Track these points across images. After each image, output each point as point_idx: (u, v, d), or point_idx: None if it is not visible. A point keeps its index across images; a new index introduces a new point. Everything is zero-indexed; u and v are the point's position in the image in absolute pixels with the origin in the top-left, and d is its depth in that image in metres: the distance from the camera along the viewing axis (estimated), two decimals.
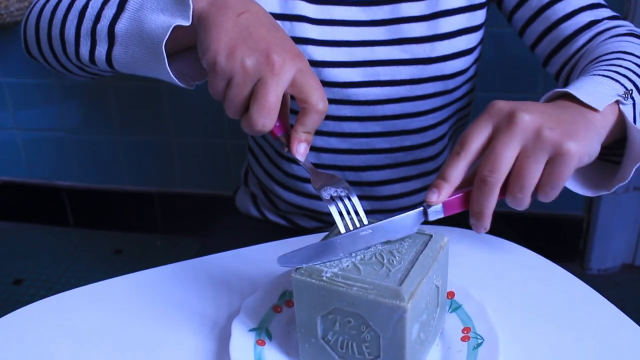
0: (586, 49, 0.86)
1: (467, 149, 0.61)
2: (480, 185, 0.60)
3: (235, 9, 0.63)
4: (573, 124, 0.60)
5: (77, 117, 1.93)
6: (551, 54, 0.91)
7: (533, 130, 0.58)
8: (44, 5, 0.77)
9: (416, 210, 0.61)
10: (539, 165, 0.59)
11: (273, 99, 0.59)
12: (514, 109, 0.59)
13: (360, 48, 0.91)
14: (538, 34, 0.92)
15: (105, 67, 0.72)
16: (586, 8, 0.89)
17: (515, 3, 0.93)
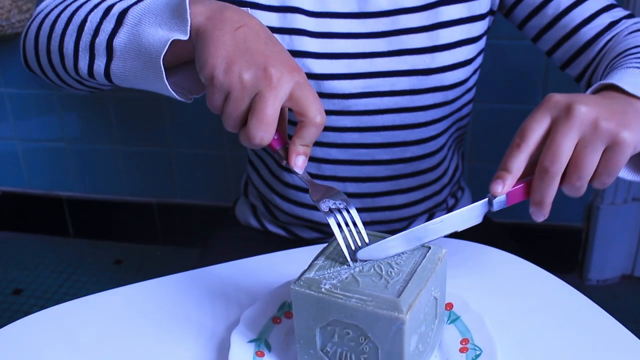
0: (608, 48, 0.88)
1: (527, 141, 0.63)
2: (542, 175, 0.62)
3: (233, 23, 0.63)
4: (625, 114, 0.63)
5: (77, 127, 1.94)
6: (572, 58, 0.93)
7: (590, 121, 0.61)
8: (43, 19, 0.78)
9: (482, 201, 0.64)
10: (596, 154, 0.61)
11: (271, 113, 0.60)
12: (570, 101, 0.62)
13: (360, 60, 0.92)
14: (557, 40, 0.94)
15: (104, 81, 0.72)
16: (603, 10, 0.91)
17: (529, 12, 0.95)
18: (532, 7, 0.94)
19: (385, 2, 0.91)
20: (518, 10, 0.96)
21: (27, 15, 1.50)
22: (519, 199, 0.64)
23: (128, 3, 0.70)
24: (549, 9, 0.93)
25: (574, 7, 0.92)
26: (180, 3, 0.64)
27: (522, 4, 0.95)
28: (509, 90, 1.54)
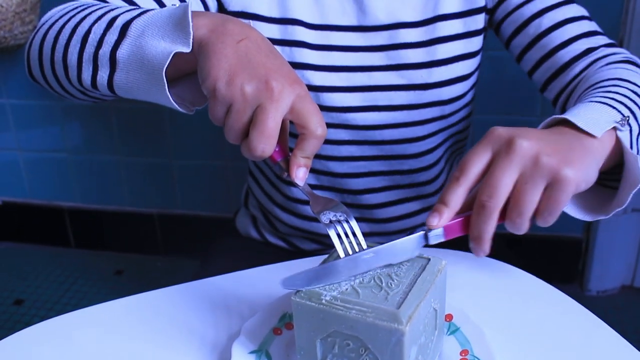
0: (583, 76, 0.86)
1: (467, 174, 0.62)
2: (479, 210, 0.61)
3: (235, 36, 0.63)
4: (570, 151, 0.61)
5: (79, 138, 1.94)
6: (548, 80, 0.92)
7: (531, 157, 0.59)
8: (48, 30, 0.78)
9: (417, 234, 0.62)
10: (537, 191, 0.60)
11: (272, 125, 0.60)
12: (512, 135, 0.61)
13: (359, 73, 0.92)
14: (535, 61, 0.93)
15: (107, 92, 0.72)
16: (582, 36, 0.90)
17: (513, 30, 0.94)
18: (515, 25, 0.94)
19: (384, 16, 0.92)
20: (504, 27, 0.96)
21: (30, 27, 1.51)
22: (457, 233, 0.63)
23: (132, 15, 0.70)
24: (531, 28, 0.92)
25: (554, 29, 0.91)
26: (183, 16, 0.64)
27: (507, 21, 0.95)
28: (508, 102, 1.54)
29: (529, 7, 0.92)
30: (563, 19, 0.91)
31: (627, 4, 1.38)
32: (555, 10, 0.91)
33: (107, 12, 0.73)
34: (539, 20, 0.91)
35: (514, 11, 0.93)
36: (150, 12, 0.69)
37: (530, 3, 0.92)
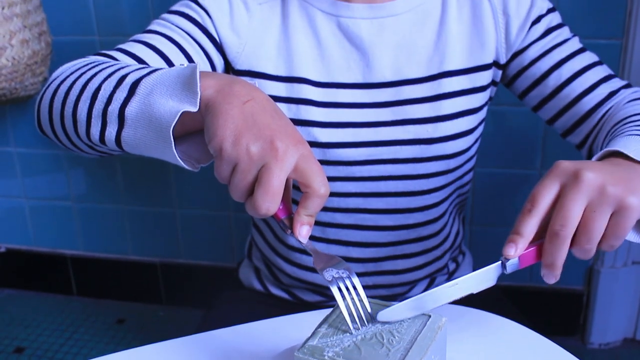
0: (608, 116, 0.90)
1: (538, 206, 0.66)
2: (553, 239, 0.64)
3: (241, 97, 0.65)
4: (631, 180, 0.65)
5: (84, 186, 1.96)
6: (573, 126, 0.96)
7: (597, 187, 0.63)
8: (59, 85, 0.79)
9: (496, 264, 0.67)
10: (604, 218, 0.64)
11: (277, 184, 0.61)
12: (578, 168, 0.65)
13: (365, 129, 0.94)
14: (557, 110, 0.97)
15: (115, 147, 0.73)
16: (602, 81, 0.94)
17: (530, 83, 0.98)
18: (533, 79, 0.97)
19: (390, 73, 0.95)
20: (519, 82, 0.99)
21: (40, 78, 1.54)
22: (531, 261, 0.67)
23: (141, 74, 0.71)
24: (551, 80, 0.96)
25: (575, 78, 0.95)
26: (191, 76, 0.66)
27: (523, 75, 0.98)
28: (509, 155, 1.56)
29: (546, 60, 0.96)
30: (581, 68, 0.95)
31: (623, 60, 1.41)
32: (572, 60, 0.95)
33: (118, 70, 0.75)
34: (558, 71, 0.95)
35: (531, 65, 0.97)
36: (159, 71, 0.71)
37: (547, 56, 0.96)
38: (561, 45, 0.96)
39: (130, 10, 1.60)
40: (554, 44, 0.96)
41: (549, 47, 0.96)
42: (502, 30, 0.96)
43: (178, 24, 0.93)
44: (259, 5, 0.96)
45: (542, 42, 0.96)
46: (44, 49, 1.51)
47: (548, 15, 0.97)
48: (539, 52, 0.96)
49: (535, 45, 0.97)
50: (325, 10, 0.95)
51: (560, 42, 0.96)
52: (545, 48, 0.96)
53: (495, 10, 0.96)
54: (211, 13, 0.94)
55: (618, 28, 1.39)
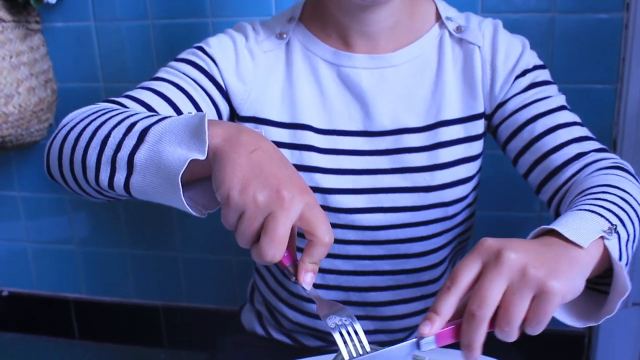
0: (574, 180, 0.89)
1: (457, 284, 0.64)
2: (470, 319, 0.62)
3: (248, 146, 0.66)
4: (557, 262, 0.63)
5: (86, 229, 1.97)
6: (542, 182, 0.95)
7: (519, 269, 0.61)
8: (69, 132, 0.80)
9: (410, 342, 0.64)
10: (524, 301, 0.61)
11: (282, 232, 0.62)
12: (501, 247, 0.63)
13: (365, 176, 0.96)
14: (530, 164, 0.96)
15: (123, 193, 0.74)
16: (573, 141, 0.93)
17: (508, 134, 0.98)
18: (511, 130, 0.97)
19: (389, 122, 0.97)
20: (500, 132, 1.00)
21: (46, 124, 1.56)
22: (448, 340, 0.64)
23: (150, 121, 0.72)
24: (525, 133, 0.96)
25: (547, 134, 0.94)
26: (200, 124, 0.67)
27: (503, 125, 0.98)
28: (508, 199, 1.58)
29: (523, 113, 0.96)
30: (555, 125, 0.94)
31: (618, 105, 1.43)
32: (548, 116, 0.95)
33: (127, 117, 0.76)
34: (533, 125, 0.95)
35: (510, 117, 0.97)
36: (168, 119, 0.72)
37: (525, 109, 0.96)
38: (541, 101, 0.96)
39: (134, 58, 1.63)
40: (535, 99, 0.96)
41: (529, 101, 0.96)
42: (488, 81, 0.97)
43: (185, 72, 0.96)
44: (264, 53, 0.99)
45: (524, 96, 0.97)
46: (49, 96, 1.54)
47: (534, 71, 0.98)
48: (518, 105, 0.97)
49: (517, 98, 0.97)
50: (327, 59, 0.98)
51: (541, 98, 0.96)
52: (526, 102, 0.96)
53: (485, 62, 0.97)
54: (218, 61, 0.97)
55: (612, 73, 1.41)
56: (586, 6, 1.36)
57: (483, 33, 0.98)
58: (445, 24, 0.99)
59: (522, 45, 0.99)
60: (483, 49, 0.97)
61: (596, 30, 1.37)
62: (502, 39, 0.98)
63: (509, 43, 0.98)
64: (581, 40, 1.38)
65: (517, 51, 0.98)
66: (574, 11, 1.37)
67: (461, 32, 0.98)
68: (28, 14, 1.47)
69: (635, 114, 1.44)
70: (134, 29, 1.60)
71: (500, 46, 0.97)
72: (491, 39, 0.98)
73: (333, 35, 0.98)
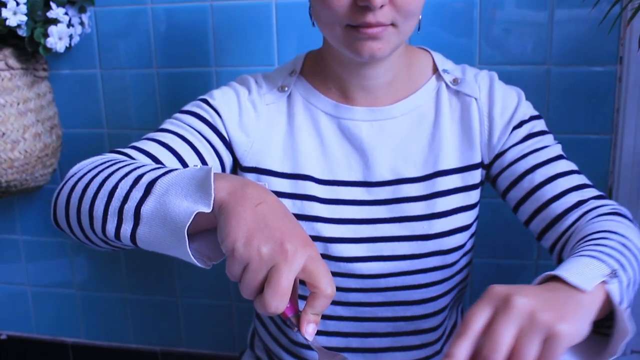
0: (575, 227, 0.91)
1: (470, 329, 0.65)
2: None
3: (253, 199, 0.68)
4: (564, 306, 0.65)
5: (87, 274, 1.98)
6: (544, 230, 0.97)
7: (528, 314, 0.63)
8: (77, 182, 0.82)
9: None
10: (534, 345, 0.63)
11: (286, 285, 0.64)
12: (510, 293, 0.65)
13: (365, 225, 0.98)
14: (530, 213, 0.98)
15: (129, 243, 0.75)
16: (573, 189, 0.95)
17: (508, 184, 1.00)
18: (510, 180, 1.00)
19: (388, 172, 0.99)
20: (499, 182, 1.02)
21: (50, 169, 1.58)
22: None
23: (157, 174, 0.74)
24: (524, 182, 0.98)
25: (547, 183, 0.96)
26: (206, 178, 0.69)
27: (502, 175, 1.01)
28: (506, 246, 1.59)
29: (522, 163, 0.98)
30: (554, 174, 0.97)
31: (614, 154, 1.46)
32: (547, 165, 0.97)
33: (134, 169, 0.78)
34: (532, 175, 0.97)
35: (509, 167, 1.00)
36: (174, 171, 0.73)
37: (523, 160, 0.99)
38: (539, 151, 0.99)
39: (137, 105, 1.66)
40: (533, 149, 0.99)
41: (527, 151, 0.99)
42: (486, 132, 1.00)
43: (190, 124, 0.98)
44: (267, 105, 1.02)
45: (522, 146, 0.99)
46: (54, 141, 1.56)
47: (531, 121, 1.01)
48: (517, 156, 0.99)
49: (515, 149, 1.00)
50: (328, 112, 1.00)
51: (539, 148, 0.99)
52: (524, 152, 0.99)
53: (482, 113, 1.00)
54: (222, 114, 0.99)
55: (607, 124, 1.44)
56: (581, 59, 1.39)
57: (479, 85, 1.01)
58: (442, 76, 1.02)
59: (517, 96, 1.01)
60: (480, 101, 1.00)
61: (591, 83, 1.41)
62: (498, 91, 1.00)
63: (505, 95, 1.01)
64: (576, 91, 1.41)
65: (513, 103, 1.00)
66: (569, 64, 1.40)
67: (458, 85, 1.01)
68: (36, 62, 1.50)
69: (630, 163, 1.46)
70: (138, 77, 1.63)
71: (497, 98, 1.00)
72: (487, 91, 1.00)
73: (333, 88, 1.01)
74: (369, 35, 0.88)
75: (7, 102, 1.41)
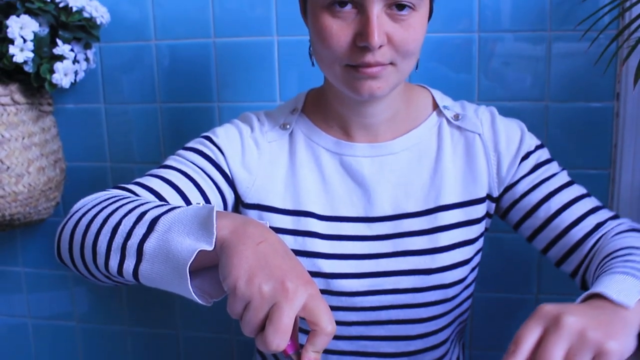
0: (597, 248, 0.93)
1: (521, 348, 0.67)
2: None
3: (254, 238, 0.69)
4: (611, 324, 0.67)
5: (87, 306, 1.98)
6: (565, 256, 0.99)
7: (578, 332, 0.65)
8: (80, 218, 0.83)
9: None
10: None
11: (287, 323, 0.65)
12: (560, 312, 0.67)
13: (367, 261, 0.99)
14: (549, 240, 1.00)
15: (132, 279, 0.76)
16: (589, 213, 0.98)
17: (522, 215, 1.02)
18: (525, 211, 1.02)
19: (389, 207, 1.00)
20: (512, 214, 1.03)
21: (53, 203, 1.59)
22: None
23: (160, 211, 0.75)
24: (540, 212, 1.00)
25: (563, 210, 0.99)
26: (208, 216, 0.70)
27: (515, 207, 1.02)
28: (506, 280, 1.59)
29: (535, 194, 1.01)
30: (569, 200, 0.99)
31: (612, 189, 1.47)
32: (560, 193, 1.00)
33: (138, 206, 0.79)
34: (547, 204, 0.99)
35: (522, 198, 1.02)
36: (177, 209, 0.75)
37: (536, 190, 1.01)
38: (550, 179, 1.01)
39: (140, 139, 1.67)
40: (543, 178, 1.01)
41: (538, 181, 1.01)
42: (494, 166, 1.02)
43: (193, 161, 1.00)
44: (269, 143, 1.03)
45: (532, 177, 1.02)
46: (58, 175, 1.57)
47: (536, 151, 1.03)
48: (528, 186, 1.01)
49: (525, 180, 1.02)
50: (329, 148, 1.02)
51: (548, 176, 1.01)
52: (535, 182, 1.01)
53: (487, 148, 1.02)
54: (224, 151, 1.01)
55: (605, 159, 1.45)
56: (578, 96, 1.41)
57: (481, 121, 1.02)
58: (443, 112, 1.04)
59: (520, 128, 1.03)
60: (484, 137, 1.01)
61: (589, 118, 1.42)
62: (501, 125, 1.02)
63: (508, 128, 1.03)
64: (574, 127, 1.43)
65: (517, 135, 1.02)
66: (567, 100, 1.42)
67: (459, 120, 1.03)
68: (41, 97, 1.52)
69: (629, 198, 1.47)
70: (142, 111, 1.65)
71: (500, 132, 1.01)
72: (490, 125, 1.02)
73: (334, 126, 1.02)
74: (368, 75, 0.89)
75: (13, 137, 1.43)
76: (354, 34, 0.88)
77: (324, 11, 0.89)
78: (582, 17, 1.31)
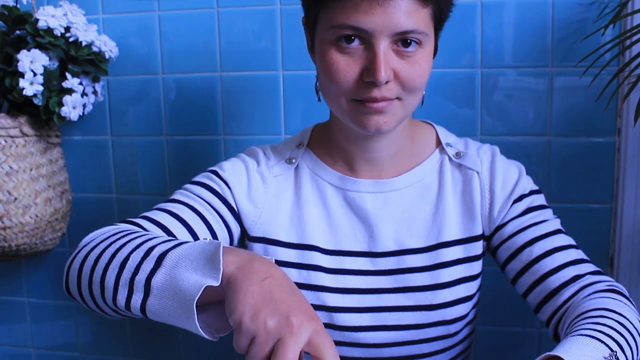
0: (572, 302, 0.92)
1: None
2: None
3: (260, 274, 0.70)
4: None
5: (91, 336, 1.98)
6: (541, 303, 0.98)
7: None
8: (89, 252, 0.84)
9: None
10: None
11: (291, 357, 0.65)
12: None
13: (369, 295, 0.99)
14: (528, 285, 0.99)
15: (139, 314, 0.77)
16: (570, 264, 0.97)
17: (507, 256, 1.02)
18: (509, 252, 1.02)
19: (392, 243, 1.01)
20: (499, 254, 1.04)
21: (59, 233, 1.60)
22: None
23: (168, 246, 0.76)
24: (523, 255, 1.00)
25: (545, 256, 0.98)
26: (215, 252, 0.71)
27: (502, 247, 1.03)
28: (508, 314, 1.59)
29: (521, 236, 1.00)
30: (552, 248, 0.98)
31: (614, 223, 1.47)
32: (545, 239, 0.99)
33: (146, 241, 0.80)
34: (530, 248, 0.99)
35: (508, 239, 1.01)
36: (184, 244, 0.76)
37: (522, 233, 1.00)
38: (538, 225, 1.01)
39: (146, 171, 1.69)
40: (532, 223, 1.01)
41: (526, 224, 1.01)
42: (487, 205, 1.02)
43: (200, 195, 1.01)
44: (274, 177, 1.05)
45: (521, 220, 1.02)
46: (64, 206, 1.59)
47: (530, 196, 1.03)
48: (516, 228, 1.01)
49: (515, 222, 1.02)
50: (334, 184, 1.03)
51: (538, 222, 1.01)
52: (523, 225, 1.01)
53: (484, 187, 1.02)
54: (231, 185, 1.02)
55: (607, 193, 1.46)
56: (580, 131, 1.42)
57: (481, 159, 1.03)
58: (446, 149, 1.05)
59: (518, 171, 1.04)
60: (482, 175, 1.02)
61: (590, 153, 1.44)
62: (500, 165, 1.03)
63: (506, 169, 1.03)
64: (576, 162, 1.44)
65: (514, 177, 1.03)
66: (568, 135, 1.43)
67: (460, 158, 1.04)
68: (49, 129, 1.54)
69: (631, 233, 1.48)
70: (148, 144, 1.66)
71: (498, 172, 1.02)
72: (489, 165, 1.03)
73: (339, 161, 1.04)
74: (375, 110, 0.91)
75: (21, 168, 1.44)
76: (361, 69, 0.89)
77: (332, 47, 0.90)
78: (583, 54, 1.33)
